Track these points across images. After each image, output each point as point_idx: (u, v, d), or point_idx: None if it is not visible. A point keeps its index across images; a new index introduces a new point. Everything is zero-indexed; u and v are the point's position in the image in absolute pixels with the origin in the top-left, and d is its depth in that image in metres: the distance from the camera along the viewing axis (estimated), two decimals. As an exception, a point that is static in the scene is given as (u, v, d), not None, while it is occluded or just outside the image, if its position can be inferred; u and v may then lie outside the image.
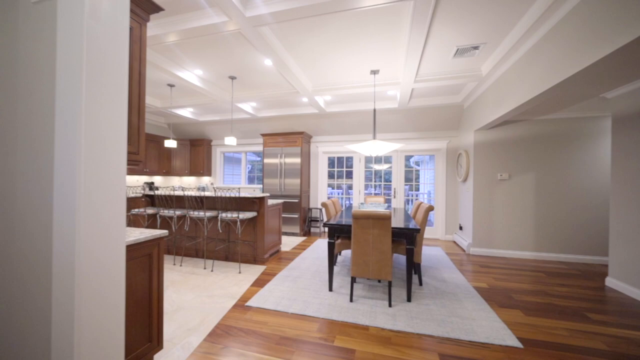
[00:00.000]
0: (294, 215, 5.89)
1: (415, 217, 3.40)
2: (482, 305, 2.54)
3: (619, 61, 1.92)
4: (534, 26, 2.48)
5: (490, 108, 3.76)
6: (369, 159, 6.33)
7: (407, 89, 4.11)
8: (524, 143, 4.30)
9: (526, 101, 2.87)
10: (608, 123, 3.99)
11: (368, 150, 3.59)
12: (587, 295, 2.83)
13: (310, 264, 3.77)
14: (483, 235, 4.43)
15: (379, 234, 2.48)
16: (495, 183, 4.40)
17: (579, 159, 4.10)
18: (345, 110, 5.40)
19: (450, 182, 5.52)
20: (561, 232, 4.12)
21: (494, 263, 3.94)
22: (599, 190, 4.01)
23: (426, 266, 3.74)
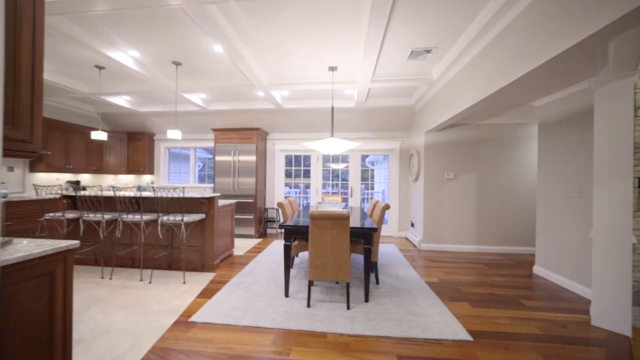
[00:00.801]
0: (249, 216, 5.55)
1: (371, 216, 3.42)
2: (434, 300, 2.63)
3: (544, 74, 2.13)
4: (479, 35, 2.63)
5: (439, 111, 3.97)
6: (327, 158, 6.30)
7: (364, 88, 4.13)
8: (467, 145, 4.66)
9: (470, 105, 3.06)
10: (535, 129, 4.53)
11: (326, 148, 3.50)
12: (520, 283, 3.14)
13: (265, 268, 3.54)
14: (432, 231, 4.69)
15: (338, 235, 2.39)
16: (443, 182, 4.70)
17: (511, 160, 4.58)
18: (303, 107, 5.26)
19: (403, 182, 5.77)
20: (497, 227, 4.57)
21: (443, 257, 4.19)
22: (528, 188, 4.54)
23: (382, 264, 3.80)
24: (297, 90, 4.62)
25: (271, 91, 4.43)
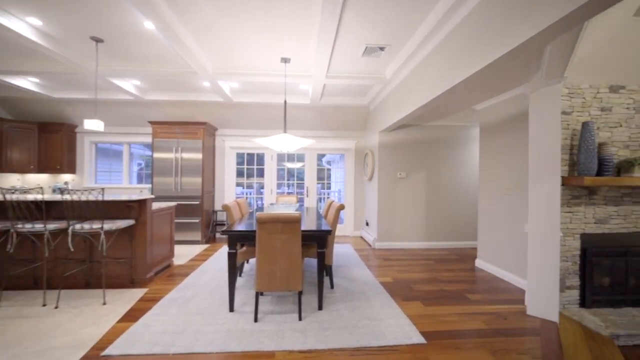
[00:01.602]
0: (194, 219, 5.01)
1: (326, 217, 3.27)
2: (388, 302, 2.58)
3: (486, 76, 2.20)
4: (429, 35, 2.66)
5: (392, 111, 4.01)
6: (282, 156, 6.03)
7: (319, 84, 3.98)
8: (418, 145, 4.83)
9: (420, 106, 3.10)
10: (477, 131, 4.88)
11: (278, 145, 3.25)
12: (465, 277, 3.30)
13: (210, 278, 3.16)
14: (386, 229, 4.76)
15: (288, 240, 2.17)
16: (395, 181, 4.80)
17: (457, 160, 4.88)
18: (256, 102, 4.91)
19: (358, 181, 5.79)
20: (444, 223, 4.83)
21: (396, 255, 4.26)
22: (472, 186, 4.88)
23: (337, 265, 3.69)
24: (248, 83, 4.27)
25: (218, 81, 4.01)
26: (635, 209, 2.64)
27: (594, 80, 2.59)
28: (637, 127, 2.64)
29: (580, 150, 2.49)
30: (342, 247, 4.73)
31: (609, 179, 2.41)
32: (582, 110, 2.63)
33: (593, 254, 2.57)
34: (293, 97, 4.86)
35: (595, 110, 2.63)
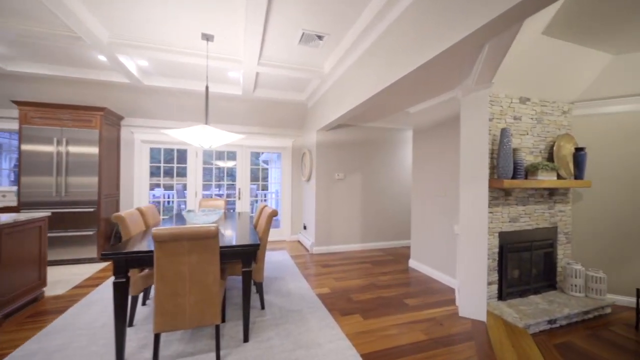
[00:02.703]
0: (87, 231, 3.91)
1: (257, 224, 2.83)
2: (326, 319, 2.30)
3: (420, 77, 2.14)
4: (368, 28, 2.49)
5: (330, 109, 3.80)
6: (210, 154, 5.27)
7: (250, 72, 3.49)
8: (356, 146, 4.77)
9: (357, 105, 2.95)
10: (411, 134, 5.08)
11: (197, 139, 2.66)
12: (401, 280, 3.29)
13: (98, 314, 2.37)
14: (324, 233, 4.56)
15: (200, 261, 1.67)
16: (333, 182, 4.63)
17: (393, 162, 5.00)
18: (174, 87, 4.10)
19: (296, 182, 5.47)
20: (379, 224, 4.89)
21: (334, 260, 4.08)
22: (406, 188, 5.06)
23: (270, 277, 3.28)
24: (161, 62, 3.48)
25: (118, 56, 3.13)
26: (537, 208, 2.99)
27: (509, 91, 2.83)
28: (538, 135, 3.00)
29: (500, 155, 2.67)
30: (277, 255, 4.33)
31: (521, 181, 2.64)
32: (500, 117, 2.84)
33: (508, 250, 2.81)
34: (221, 85, 4.23)
35: (510, 118, 2.88)
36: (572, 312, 2.53)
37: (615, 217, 2.93)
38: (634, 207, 2.85)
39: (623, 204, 2.90)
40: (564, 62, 2.66)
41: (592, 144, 3.03)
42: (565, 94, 2.99)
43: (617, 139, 2.94)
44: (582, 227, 3.07)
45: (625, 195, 2.89)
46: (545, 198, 3.02)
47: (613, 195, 2.94)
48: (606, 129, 2.99)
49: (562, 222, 3.08)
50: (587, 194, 3.06)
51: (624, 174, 2.90)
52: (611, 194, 2.95)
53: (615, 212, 2.93)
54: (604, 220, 2.98)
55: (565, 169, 2.94)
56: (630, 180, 2.87)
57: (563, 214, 3.09)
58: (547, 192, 3.03)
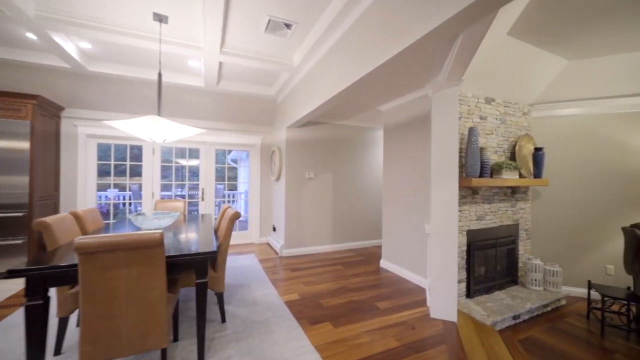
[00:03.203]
0: (16, 240, 3.34)
1: (219, 228, 2.57)
2: (294, 331, 2.13)
3: (390, 71, 2.07)
4: (338, 18, 2.36)
5: (299, 104, 3.63)
6: (170, 151, 4.83)
7: (212, 61, 3.20)
8: (327, 144, 4.64)
9: (327, 100, 2.81)
10: (382, 133, 5.07)
11: (147, 132, 2.34)
12: (372, 282, 3.22)
13: (19, 340, 1.96)
14: (294, 234, 4.37)
15: (142, 275, 1.41)
16: (304, 182, 4.46)
17: (364, 161, 4.95)
18: (125, 76, 3.65)
19: (265, 181, 5.21)
20: (351, 224, 4.81)
21: (304, 263, 3.91)
22: (378, 186, 5.03)
23: (236, 285, 3.03)
24: (107, 45, 3.06)
25: (51, 34, 2.68)
26: (501, 206, 3.08)
27: (476, 91, 2.87)
28: (502, 135, 3.09)
29: (468, 154, 2.68)
30: (244, 259, 4.05)
31: (488, 180, 2.67)
32: (468, 117, 2.87)
33: (475, 248, 2.85)
34: (182, 76, 3.86)
35: (477, 118, 2.93)
36: (534, 306, 2.62)
37: (569, 213, 3.11)
38: (586, 204, 3.04)
39: (576, 201, 3.08)
40: (525, 64, 2.74)
41: (549, 145, 3.19)
42: (525, 95, 3.11)
43: (571, 140, 3.12)
44: (541, 224, 3.23)
45: (578, 193, 3.07)
46: (508, 196, 3.12)
47: (567, 193, 3.12)
48: (561, 131, 3.16)
49: (523, 219, 3.21)
50: (545, 192, 3.22)
51: (577, 173, 3.08)
52: (566, 192, 3.12)
53: (569, 209, 3.11)
54: (559, 217, 3.15)
55: (526, 168, 3.06)
56: (583, 179, 3.06)
57: (524, 211, 3.22)
58: (510, 190, 3.13)
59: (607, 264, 2.97)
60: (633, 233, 2.53)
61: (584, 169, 3.05)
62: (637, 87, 2.82)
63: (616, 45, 2.52)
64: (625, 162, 2.92)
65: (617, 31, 2.32)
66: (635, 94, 2.86)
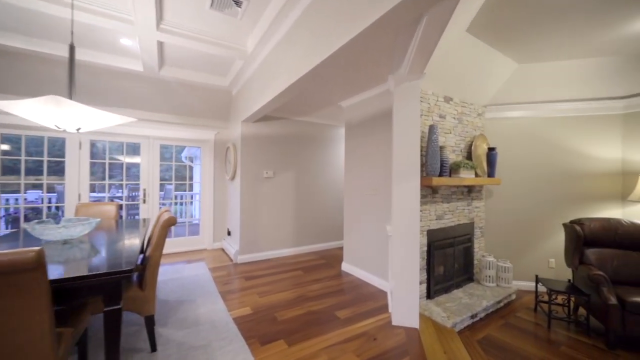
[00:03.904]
0: None
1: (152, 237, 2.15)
2: (241, 355, 1.82)
3: (343, 62, 1.89)
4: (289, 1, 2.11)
5: (255, 96, 3.30)
6: (103, 146, 4.13)
7: (149, 39, 2.73)
8: (287, 141, 4.37)
9: (282, 91, 2.55)
10: (340, 132, 4.94)
11: (49, 117, 1.84)
12: (332, 287, 3.02)
13: None
14: (250, 238, 4.01)
15: (12, 309, 1.00)
16: (262, 181, 4.13)
17: (326, 160, 4.76)
18: (35, 52, 2.97)
19: (220, 181, 4.75)
20: (313, 226, 4.59)
21: (261, 270, 3.58)
22: (341, 186, 4.87)
23: (176, 301, 2.60)
24: (10, 10, 2.42)
25: None
26: (459, 205, 3.10)
27: (435, 89, 2.84)
28: (459, 135, 3.11)
29: (428, 152, 2.62)
30: (192, 268, 3.60)
31: (447, 179, 2.64)
32: (428, 115, 2.82)
33: (435, 248, 2.81)
34: (113, 57, 3.28)
35: (436, 116, 2.90)
36: (489, 303, 2.65)
37: (517, 211, 3.25)
38: (532, 202, 3.20)
39: (524, 200, 3.23)
40: (481, 64, 2.77)
41: (500, 145, 3.30)
42: (480, 97, 3.18)
43: (519, 142, 3.26)
44: (493, 222, 3.33)
45: (526, 192, 3.22)
46: (465, 195, 3.16)
47: (516, 191, 3.25)
48: (510, 132, 3.29)
49: (478, 218, 3.28)
50: (497, 191, 3.33)
51: (524, 173, 3.23)
52: (515, 190, 3.26)
53: (518, 207, 3.25)
54: (509, 215, 3.27)
55: (480, 168, 3.12)
56: (529, 179, 3.21)
57: (478, 209, 3.30)
58: (467, 189, 3.17)
59: (550, 258, 3.16)
60: (573, 229, 2.69)
61: (531, 169, 3.21)
62: (576, 92, 3.03)
63: (562, 51, 2.65)
64: (566, 163, 3.13)
65: (564, 38, 2.42)
66: (574, 99, 3.07)
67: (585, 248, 2.65)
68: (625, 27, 2.23)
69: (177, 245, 4.46)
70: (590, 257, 2.60)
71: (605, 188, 3.02)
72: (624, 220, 2.61)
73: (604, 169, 3.03)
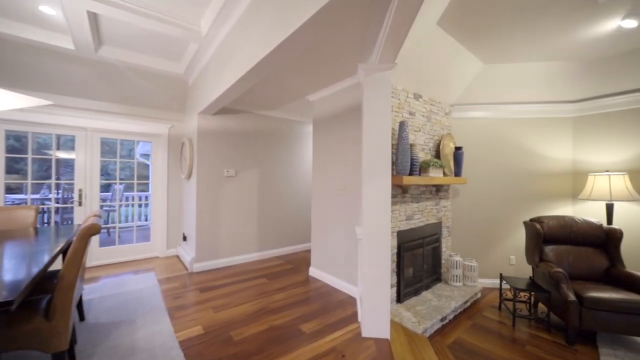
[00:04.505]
0: None
1: (72, 249, 1.73)
2: (183, 389, 1.51)
3: (306, 46, 1.67)
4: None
5: (212, 85, 2.95)
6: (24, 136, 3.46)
7: (76, 9, 2.25)
8: (250, 137, 4.04)
9: (242, 76, 2.25)
10: (308, 129, 4.71)
11: None
12: (298, 296, 2.78)
13: None
14: (209, 244, 3.62)
15: None
16: (222, 181, 3.76)
17: (295, 158, 4.50)
18: None
19: (175, 180, 4.26)
20: (280, 227, 4.31)
21: (219, 279, 3.22)
22: (308, 186, 4.64)
23: (110, 323, 2.17)
24: None
25: None
26: (428, 204, 3.04)
27: (405, 84, 2.74)
28: (428, 133, 3.06)
29: (399, 150, 2.50)
30: (139, 281, 3.12)
31: (418, 178, 2.55)
32: (399, 110, 2.71)
33: (405, 250, 2.71)
34: (34, 29, 2.70)
35: (406, 113, 2.80)
36: (457, 304, 2.61)
37: (482, 209, 3.29)
38: (495, 200, 3.26)
39: (487, 198, 3.28)
40: (450, 61, 2.72)
41: (466, 145, 3.33)
42: (447, 95, 3.16)
43: (482, 142, 3.30)
44: (459, 221, 3.34)
45: (489, 191, 3.28)
46: (433, 194, 3.12)
47: (481, 190, 3.29)
48: (475, 132, 3.32)
49: (445, 217, 3.27)
50: (463, 190, 3.34)
51: (487, 173, 3.28)
52: (479, 189, 3.30)
53: (482, 206, 3.29)
54: (474, 213, 3.31)
55: (448, 167, 3.10)
56: (492, 178, 3.27)
57: (446, 209, 3.29)
58: (435, 188, 3.13)
59: (510, 255, 3.24)
60: (533, 227, 2.75)
61: (493, 169, 3.27)
62: (535, 95, 3.13)
63: (524, 53, 2.69)
64: (524, 163, 3.23)
65: (527, 40, 2.44)
66: (532, 102, 3.18)
67: (544, 245, 2.73)
68: (580, 32, 2.30)
69: (123, 254, 3.91)
70: (548, 254, 2.68)
71: (558, 187, 3.17)
72: (577, 218, 2.73)
73: (558, 169, 3.18)
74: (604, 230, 2.60)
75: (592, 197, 2.76)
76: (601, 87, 2.89)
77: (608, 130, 2.93)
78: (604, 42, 2.43)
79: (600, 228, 2.61)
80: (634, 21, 2.16)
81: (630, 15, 2.12)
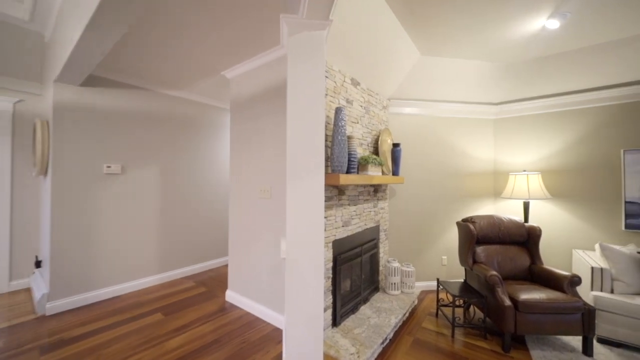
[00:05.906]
0: None
1: None
2: None
3: None
4: None
5: (64, 38, 1.97)
6: None
7: None
8: (148, 122, 3.06)
9: (89, 23, 1.46)
10: (231, 118, 3.94)
11: None
12: (207, 335, 2.07)
13: None
14: (75, 271, 2.54)
15: None
16: (99, 179, 2.71)
17: (210, 153, 3.65)
18: None
19: (24, 179, 2.96)
20: (189, 241, 3.43)
21: (87, 323, 2.23)
22: (227, 188, 3.84)
23: None
24: None
25: None
26: (366, 207, 2.69)
27: (342, 66, 2.31)
28: (366, 126, 2.71)
29: (334, 142, 2.04)
30: None
31: (357, 177, 2.13)
32: (334, 95, 2.25)
33: (341, 262, 2.27)
34: None
35: (343, 100, 2.37)
36: (397, 319, 2.31)
37: (417, 210, 3.13)
38: (428, 200, 3.13)
39: (421, 198, 3.13)
40: (389, 45, 2.40)
41: (402, 142, 3.12)
42: (385, 87, 2.88)
43: (415, 139, 3.15)
44: (395, 223, 3.12)
45: (423, 191, 3.14)
46: (372, 195, 2.80)
47: (415, 190, 3.13)
48: (408, 128, 3.15)
49: (383, 220, 2.99)
50: (399, 190, 3.13)
51: (421, 171, 3.14)
52: (414, 189, 3.13)
53: (417, 206, 3.13)
54: (409, 215, 3.13)
55: (386, 165, 2.82)
56: (427, 177, 3.14)
57: (383, 211, 3.01)
58: (373, 188, 2.82)
59: (442, 255, 3.17)
60: (467, 228, 2.66)
61: (427, 168, 3.15)
62: (464, 94, 3.10)
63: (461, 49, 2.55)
64: (454, 163, 3.19)
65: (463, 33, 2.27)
66: (461, 102, 3.15)
67: (476, 246, 2.67)
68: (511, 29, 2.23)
69: None
70: (480, 254, 2.62)
71: (482, 186, 3.23)
72: (503, 217, 2.75)
73: (482, 168, 3.23)
74: (526, 228, 2.65)
75: (514, 195, 2.83)
76: (518, 91, 3.01)
77: (525, 133, 3.09)
78: (526, 44, 2.44)
79: (523, 226, 2.66)
80: (557, 21, 2.17)
81: (554, 15, 2.12)
